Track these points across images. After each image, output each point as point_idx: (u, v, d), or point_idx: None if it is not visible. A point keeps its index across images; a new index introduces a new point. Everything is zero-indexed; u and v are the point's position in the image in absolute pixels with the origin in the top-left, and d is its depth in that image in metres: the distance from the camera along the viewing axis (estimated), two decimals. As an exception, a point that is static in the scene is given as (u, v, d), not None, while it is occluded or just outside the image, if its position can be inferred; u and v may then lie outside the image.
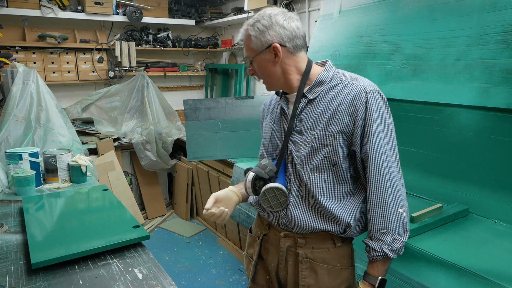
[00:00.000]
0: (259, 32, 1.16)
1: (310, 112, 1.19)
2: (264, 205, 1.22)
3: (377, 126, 1.13)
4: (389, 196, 1.13)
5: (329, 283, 1.22)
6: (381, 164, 1.13)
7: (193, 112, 3.65)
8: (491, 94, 1.83)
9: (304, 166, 1.19)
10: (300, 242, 1.24)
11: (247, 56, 1.22)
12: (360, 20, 2.56)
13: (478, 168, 1.89)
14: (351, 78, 1.20)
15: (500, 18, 1.82)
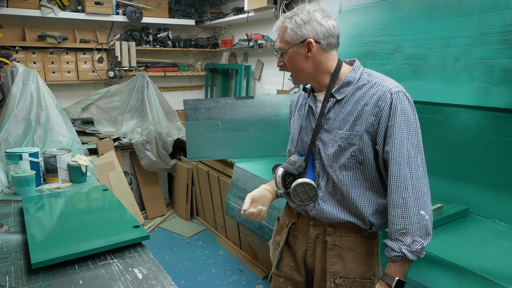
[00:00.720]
0: (296, 25, 1.18)
1: (337, 111, 1.22)
2: (295, 200, 1.26)
3: (401, 127, 1.14)
4: (409, 197, 1.12)
5: (356, 270, 1.26)
6: (403, 163, 1.13)
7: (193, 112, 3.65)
8: (491, 94, 1.83)
9: (332, 163, 1.22)
10: (329, 230, 1.28)
11: (279, 47, 1.24)
12: (360, 20, 2.56)
13: (478, 168, 1.89)
14: (377, 79, 1.22)
15: (500, 18, 1.82)
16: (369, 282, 1.28)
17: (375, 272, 1.30)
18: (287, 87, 3.68)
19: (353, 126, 1.18)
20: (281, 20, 1.23)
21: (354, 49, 2.57)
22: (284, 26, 1.21)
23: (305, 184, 1.23)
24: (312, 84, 1.29)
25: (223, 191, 3.40)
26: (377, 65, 2.40)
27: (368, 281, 1.28)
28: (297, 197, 1.26)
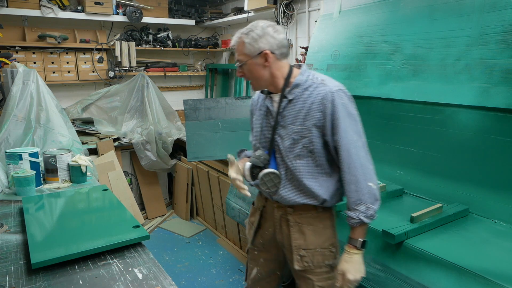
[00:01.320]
0: (253, 40, 1.38)
1: (290, 109, 1.43)
2: (262, 188, 1.46)
3: (344, 118, 1.36)
4: (359, 174, 1.36)
5: (315, 241, 1.48)
6: (350, 148, 1.36)
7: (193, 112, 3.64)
8: (491, 94, 1.83)
9: (288, 154, 1.43)
10: (289, 211, 1.50)
11: (239, 60, 1.43)
12: (360, 20, 2.56)
13: (478, 168, 1.89)
14: (321, 80, 1.42)
15: (500, 18, 1.82)
16: (328, 251, 1.50)
17: (332, 242, 1.52)
18: (287, 87, 3.68)
19: (303, 122, 1.40)
20: (237, 36, 1.42)
21: (354, 49, 2.57)
22: (242, 41, 1.40)
23: (270, 174, 1.44)
24: (268, 89, 1.47)
25: (223, 191, 3.40)
26: (377, 65, 2.40)
27: (327, 250, 1.50)
28: (264, 185, 1.45)
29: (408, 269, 1.56)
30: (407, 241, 1.60)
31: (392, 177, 2.26)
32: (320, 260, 1.49)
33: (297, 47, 3.63)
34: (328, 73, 2.73)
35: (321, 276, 1.50)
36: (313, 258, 1.48)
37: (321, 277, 1.50)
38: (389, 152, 2.32)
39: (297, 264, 1.49)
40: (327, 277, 1.50)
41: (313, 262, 1.48)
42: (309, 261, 1.48)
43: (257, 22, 1.41)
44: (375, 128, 2.40)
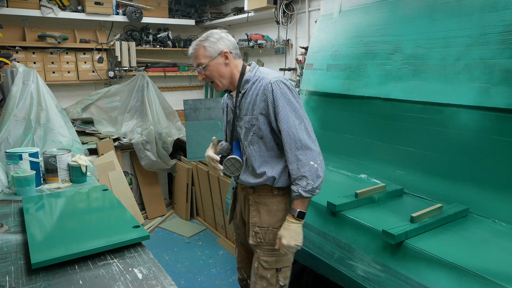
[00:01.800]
0: (213, 43, 1.59)
1: (243, 103, 1.63)
2: (227, 172, 1.66)
3: (284, 105, 1.53)
4: (301, 154, 1.52)
5: (268, 221, 1.66)
6: (291, 132, 1.52)
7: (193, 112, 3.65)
8: (491, 94, 1.83)
9: (244, 142, 1.64)
10: (250, 191, 1.70)
11: (200, 64, 1.59)
12: (360, 20, 2.56)
13: (478, 168, 1.89)
14: (264, 74, 1.61)
15: (500, 18, 1.82)
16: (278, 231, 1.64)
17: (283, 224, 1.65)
18: (287, 87, 3.68)
19: (251, 111, 1.59)
20: (195, 44, 1.61)
21: (354, 49, 2.57)
22: (202, 46, 1.59)
23: (231, 159, 1.64)
24: (229, 87, 1.66)
25: (223, 191, 3.40)
26: (377, 65, 2.40)
27: (278, 229, 1.65)
28: (228, 170, 1.65)
29: (408, 269, 1.56)
30: (407, 241, 1.60)
31: (392, 177, 2.26)
32: (271, 238, 1.66)
33: (297, 47, 3.63)
34: (328, 73, 2.73)
35: (268, 252, 1.68)
36: (265, 235, 1.67)
37: (267, 252, 1.68)
38: (389, 152, 2.32)
39: (252, 239, 1.69)
40: (273, 253, 1.68)
41: (265, 238, 1.67)
42: (261, 237, 1.67)
43: (211, 30, 1.65)
44: (375, 128, 2.40)
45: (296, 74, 3.64)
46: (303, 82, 2.99)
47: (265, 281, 1.68)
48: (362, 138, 2.49)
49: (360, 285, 1.73)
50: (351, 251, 1.82)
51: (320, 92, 2.82)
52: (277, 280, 1.68)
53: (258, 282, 1.69)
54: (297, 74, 3.60)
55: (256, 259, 1.70)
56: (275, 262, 1.67)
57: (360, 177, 2.42)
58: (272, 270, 1.67)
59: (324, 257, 1.94)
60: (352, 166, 2.52)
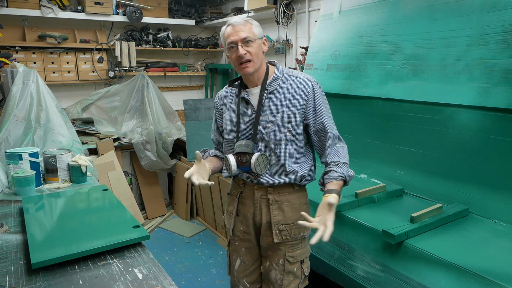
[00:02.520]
0: (257, 26, 1.55)
1: (271, 100, 1.57)
2: (256, 169, 1.56)
3: (324, 104, 1.59)
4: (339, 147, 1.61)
5: (293, 216, 1.63)
6: (330, 129, 1.58)
7: (193, 112, 3.65)
8: (491, 94, 1.83)
9: (273, 139, 1.57)
10: (269, 190, 1.64)
11: (248, 37, 1.50)
12: (360, 20, 2.56)
13: (478, 168, 1.89)
14: (297, 73, 1.62)
15: (500, 18, 1.82)
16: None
17: None
18: (287, 87, 3.68)
19: (287, 109, 1.56)
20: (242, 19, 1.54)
21: (354, 49, 2.57)
22: (249, 23, 1.53)
23: (263, 156, 1.57)
24: (251, 78, 1.58)
25: (223, 191, 3.40)
26: (377, 65, 2.40)
27: None
28: (258, 167, 1.56)
29: (408, 269, 1.56)
30: (407, 241, 1.60)
31: (392, 177, 2.26)
32: (296, 233, 1.65)
33: (297, 47, 3.63)
34: (328, 73, 2.73)
35: (292, 247, 1.66)
36: (291, 231, 1.64)
37: (292, 248, 1.66)
38: (389, 152, 2.32)
39: (276, 237, 1.63)
40: (297, 247, 1.67)
41: (291, 235, 1.64)
42: (287, 234, 1.64)
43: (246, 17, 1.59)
44: (375, 128, 2.40)
45: (296, 74, 3.64)
46: (303, 82, 2.98)
47: (292, 275, 1.67)
48: (362, 138, 2.49)
49: (360, 285, 1.73)
50: (351, 251, 1.82)
51: (320, 92, 2.82)
52: (302, 272, 1.70)
53: (285, 278, 1.67)
54: (297, 74, 3.59)
55: (280, 256, 1.66)
56: (299, 255, 1.68)
57: (360, 177, 2.42)
58: (297, 263, 1.68)
59: (324, 257, 1.94)
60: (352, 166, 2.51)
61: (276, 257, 1.67)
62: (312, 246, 2.02)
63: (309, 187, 1.72)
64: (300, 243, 1.67)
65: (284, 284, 1.67)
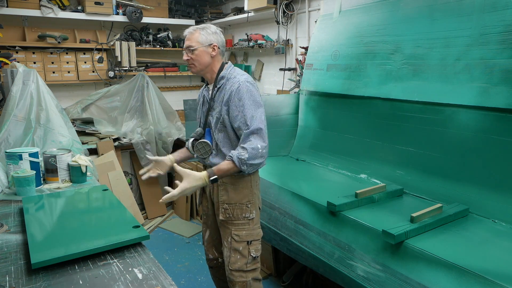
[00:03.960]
0: (208, 34, 1.82)
1: (218, 95, 1.85)
2: (196, 154, 1.88)
3: (243, 100, 1.76)
4: (253, 137, 1.74)
5: (235, 197, 1.86)
6: (243, 122, 1.75)
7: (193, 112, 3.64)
8: (491, 94, 1.83)
9: (215, 129, 1.86)
10: None
11: (191, 46, 1.81)
12: (360, 20, 2.56)
13: (478, 168, 1.89)
14: (237, 74, 1.85)
15: (500, 18, 1.82)
16: (245, 206, 1.88)
17: (249, 199, 1.88)
18: (287, 87, 3.68)
19: (221, 104, 1.82)
20: (193, 29, 1.83)
21: (354, 49, 2.57)
22: (197, 32, 1.81)
23: (202, 142, 1.85)
24: (205, 76, 1.89)
25: (223, 191, 3.40)
26: (377, 65, 2.40)
27: (244, 205, 1.88)
28: (198, 152, 1.86)
29: (408, 269, 1.56)
30: (407, 241, 1.60)
31: (392, 177, 2.26)
32: (238, 213, 1.86)
33: (297, 47, 3.63)
34: (328, 73, 2.73)
35: (238, 226, 1.87)
36: (233, 211, 1.86)
37: (237, 227, 1.87)
38: (389, 152, 2.32)
39: (222, 215, 1.88)
40: (242, 228, 1.88)
41: (233, 214, 1.86)
42: (230, 213, 1.86)
43: (209, 24, 1.89)
44: (375, 128, 2.40)
45: (296, 74, 3.64)
46: (303, 82, 2.99)
47: (238, 253, 1.87)
48: (362, 138, 2.50)
49: (360, 285, 1.73)
50: (351, 251, 1.82)
51: (320, 92, 2.82)
52: (249, 252, 1.88)
53: (232, 255, 1.87)
54: (297, 74, 3.60)
55: (228, 234, 1.88)
56: (245, 236, 1.87)
57: (360, 177, 2.42)
58: (243, 243, 1.87)
59: (324, 257, 1.94)
60: (352, 166, 2.52)
61: (226, 236, 1.90)
62: (312, 246, 2.02)
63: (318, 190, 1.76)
64: (246, 224, 1.88)
65: (231, 260, 1.88)
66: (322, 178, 2.50)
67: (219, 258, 2.11)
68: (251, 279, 1.90)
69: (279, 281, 2.81)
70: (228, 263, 1.89)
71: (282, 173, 2.58)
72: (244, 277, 1.89)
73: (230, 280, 1.90)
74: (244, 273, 1.88)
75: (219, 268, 2.14)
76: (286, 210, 2.25)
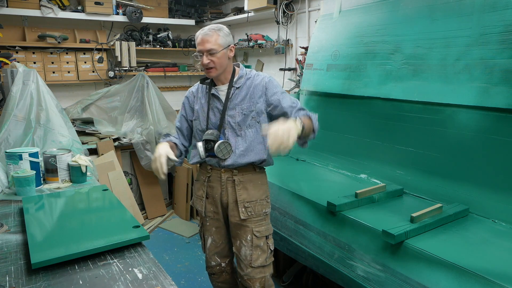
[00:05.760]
0: (225, 35, 1.79)
1: (237, 94, 1.83)
2: (219, 155, 1.79)
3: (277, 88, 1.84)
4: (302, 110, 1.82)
5: (255, 194, 1.88)
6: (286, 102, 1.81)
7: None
8: (491, 94, 1.83)
9: (241, 126, 1.82)
10: (235, 172, 1.87)
11: (212, 49, 1.74)
12: (360, 20, 2.56)
13: (478, 168, 1.89)
14: (256, 73, 1.89)
15: (500, 18, 1.82)
16: (265, 202, 1.91)
17: (267, 194, 1.93)
18: (287, 87, 3.68)
19: (250, 99, 1.82)
20: (209, 30, 1.75)
21: (354, 49, 2.57)
22: (216, 34, 1.75)
23: (225, 143, 1.79)
24: (219, 78, 1.84)
25: (223, 191, 3.40)
26: (377, 65, 2.40)
27: (264, 201, 1.90)
28: (220, 153, 1.78)
29: (408, 269, 1.56)
30: (407, 241, 1.60)
31: (392, 177, 2.26)
32: (259, 209, 1.88)
33: (297, 47, 3.63)
34: (328, 73, 2.73)
35: (258, 223, 1.88)
36: (255, 207, 1.87)
37: (257, 223, 1.88)
38: (389, 152, 2.32)
39: (242, 214, 1.85)
40: (261, 223, 1.89)
41: (255, 211, 1.87)
42: (251, 211, 1.86)
43: (220, 25, 1.82)
44: (375, 128, 2.40)
45: (296, 74, 3.64)
46: (303, 82, 2.99)
47: (259, 249, 1.88)
48: (362, 138, 2.49)
49: (360, 285, 1.73)
50: (351, 251, 1.82)
51: (320, 92, 2.82)
52: (268, 246, 1.91)
53: (254, 252, 1.88)
54: (297, 74, 3.60)
55: (248, 232, 1.87)
56: (264, 231, 1.90)
57: (360, 177, 2.42)
58: (263, 238, 1.89)
59: (324, 257, 1.94)
60: (352, 166, 2.52)
61: (244, 234, 1.88)
62: (312, 246, 2.02)
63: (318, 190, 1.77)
64: (264, 219, 1.90)
65: (253, 258, 1.87)
66: (322, 178, 2.50)
67: (222, 264, 2.07)
68: (268, 274, 1.93)
69: (279, 281, 2.81)
70: (250, 261, 1.87)
71: (282, 173, 2.58)
72: (263, 272, 1.90)
73: (249, 278, 1.89)
74: (263, 269, 1.90)
75: (222, 273, 2.11)
76: (286, 210, 2.25)
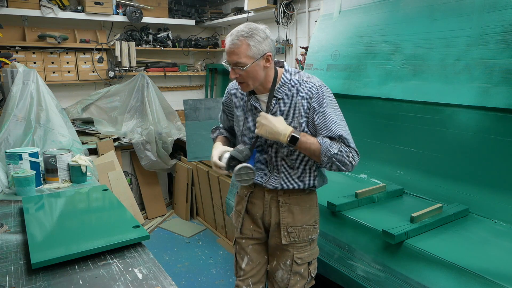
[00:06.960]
0: (258, 43, 1.44)
1: (279, 107, 1.55)
2: (236, 179, 1.53)
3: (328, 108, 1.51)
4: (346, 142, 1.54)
5: (302, 219, 1.65)
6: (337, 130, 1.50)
7: (193, 112, 3.64)
8: (491, 94, 1.83)
9: (284, 145, 1.52)
10: (280, 193, 1.64)
11: (240, 63, 1.44)
12: (360, 20, 2.56)
13: (478, 168, 1.89)
14: (304, 77, 1.56)
15: (500, 18, 1.82)
16: (312, 227, 1.68)
17: (316, 219, 1.69)
18: (287, 87, 3.68)
19: (294, 115, 1.53)
20: (237, 38, 1.43)
21: (354, 49, 2.57)
22: (245, 43, 1.43)
23: (246, 168, 1.51)
24: (257, 88, 1.55)
25: (223, 191, 3.40)
26: (377, 65, 2.39)
27: (311, 226, 1.68)
28: (238, 177, 1.51)
29: (408, 269, 1.56)
30: (407, 241, 1.60)
31: (392, 177, 2.26)
32: (305, 235, 1.66)
33: (297, 47, 3.63)
34: (328, 73, 2.73)
35: (301, 249, 1.67)
36: (299, 234, 1.65)
37: (301, 250, 1.67)
38: (389, 152, 2.32)
39: (284, 239, 1.65)
40: (305, 249, 1.68)
41: (299, 237, 1.65)
42: (295, 236, 1.65)
43: (254, 24, 1.48)
44: (375, 128, 2.40)
45: (296, 74, 3.64)
46: (303, 82, 2.98)
47: (298, 276, 1.69)
48: (362, 138, 2.49)
49: (360, 285, 1.73)
50: (351, 251, 1.82)
51: (320, 92, 2.81)
52: (309, 273, 1.71)
53: (292, 278, 1.68)
54: (297, 74, 3.59)
55: (288, 257, 1.67)
56: (307, 257, 1.69)
57: (360, 177, 2.42)
58: (305, 265, 1.69)
59: (324, 257, 1.94)
60: (352, 166, 2.52)
61: (283, 258, 1.68)
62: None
63: (319, 191, 1.74)
64: (308, 245, 1.68)
65: (291, 283, 1.68)
66: (322, 178, 2.50)
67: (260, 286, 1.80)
68: None
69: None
70: (286, 286, 1.69)
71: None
72: None
73: None
74: None
75: None
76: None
